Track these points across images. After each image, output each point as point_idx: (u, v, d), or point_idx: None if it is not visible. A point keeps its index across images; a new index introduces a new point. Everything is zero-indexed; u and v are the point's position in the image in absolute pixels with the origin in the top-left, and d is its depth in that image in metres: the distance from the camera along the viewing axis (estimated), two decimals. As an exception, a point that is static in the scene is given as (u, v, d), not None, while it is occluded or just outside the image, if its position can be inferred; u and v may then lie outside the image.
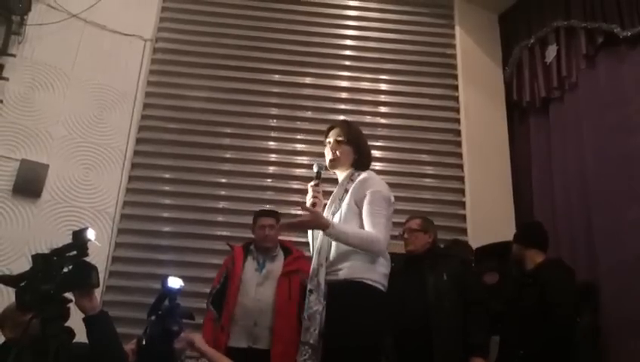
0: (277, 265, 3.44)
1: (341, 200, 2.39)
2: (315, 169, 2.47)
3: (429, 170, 4.84)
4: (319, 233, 2.35)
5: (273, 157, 4.81)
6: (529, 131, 4.89)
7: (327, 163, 2.50)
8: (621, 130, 3.96)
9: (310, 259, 3.61)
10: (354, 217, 2.33)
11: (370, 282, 2.26)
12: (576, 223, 4.12)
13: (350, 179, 2.42)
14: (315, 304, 2.23)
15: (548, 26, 4.72)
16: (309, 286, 2.31)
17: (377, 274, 2.30)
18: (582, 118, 4.30)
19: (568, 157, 4.37)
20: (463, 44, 5.14)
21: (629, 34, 4.06)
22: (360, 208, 2.32)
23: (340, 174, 2.50)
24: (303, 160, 4.78)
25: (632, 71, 4.02)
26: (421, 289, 3.05)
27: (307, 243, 4.17)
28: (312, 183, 2.44)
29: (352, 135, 2.51)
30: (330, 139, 2.52)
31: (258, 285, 3.36)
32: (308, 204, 2.37)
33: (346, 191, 2.39)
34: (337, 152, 2.47)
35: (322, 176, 2.47)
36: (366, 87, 5.07)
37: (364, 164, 2.49)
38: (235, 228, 4.46)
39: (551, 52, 4.67)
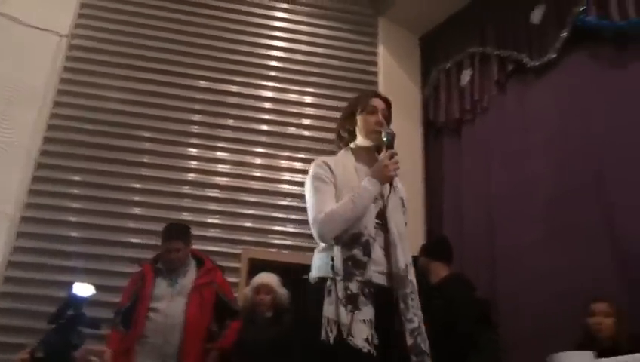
0: (190, 279, 3.38)
1: None
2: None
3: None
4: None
5: (193, 164, 4.71)
6: (443, 151, 5.10)
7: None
8: (524, 155, 4.20)
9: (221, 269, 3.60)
10: None
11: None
12: (481, 242, 4.30)
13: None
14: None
15: (464, 51, 4.97)
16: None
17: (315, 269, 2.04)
18: (490, 141, 4.54)
19: (476, 178, 4.57)
20: (385, 63, 5.29)
21: (537, 64, 4.32)
22: None
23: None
24: (224, 168, 4.72)
25: (537, 99, 4.29)
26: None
27: (218, 254, 4.18)
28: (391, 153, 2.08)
29: None
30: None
31: (170, 301, 3.28)
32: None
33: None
34: None
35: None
36: (291, 99, 5.08)
37: None
38: (149, 236, 4.31)
39: (465, 76, 4.91)
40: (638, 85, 3.62)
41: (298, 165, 4.89)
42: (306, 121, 5.05)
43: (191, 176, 4.65)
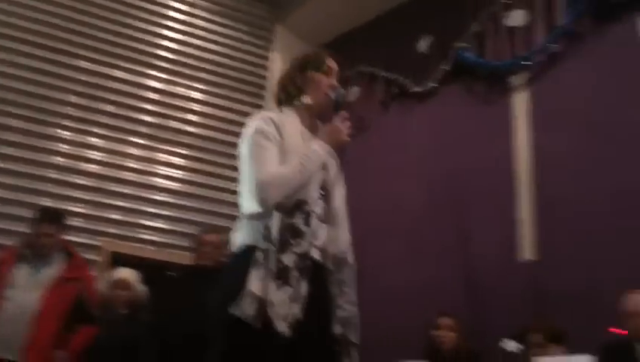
0: (55, 270, 3.16)
1: None
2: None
3: (230, 185, 4.84)
4: None
5: (64, 147, 4.44)
6: (325, 163, 5.21)
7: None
8: (397, 174, 4.44)
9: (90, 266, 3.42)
10: None
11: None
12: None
13: None
14: None
15: (353, 69, 5.12)
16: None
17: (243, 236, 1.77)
18: (368, 158, 4.70)
19: (353, 192, 4.70)
20: (277, 69, 5.29)
21: (418, 90, 4.58)
22: None
23: None
24: (96, 155, 4.49)
25: (415, 123, 4.55)
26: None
27: (77, 244, 3.95)
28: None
29: None
30: None
31: (27, 290, 3.04)
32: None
33: None
34: None
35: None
36: (178, 93, 4.95)
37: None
38: (4, 220, 4.00)
39: (353, 93, 5.08)
40: (500, 120, 3.97)
41: (177, 160, 4.77)
42: (192, 117, 4.95)
43: (59, 159, 4.38)
